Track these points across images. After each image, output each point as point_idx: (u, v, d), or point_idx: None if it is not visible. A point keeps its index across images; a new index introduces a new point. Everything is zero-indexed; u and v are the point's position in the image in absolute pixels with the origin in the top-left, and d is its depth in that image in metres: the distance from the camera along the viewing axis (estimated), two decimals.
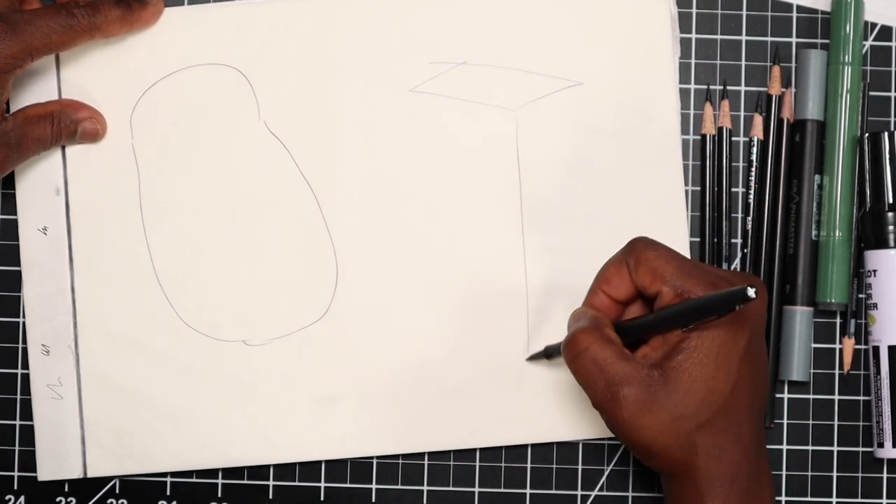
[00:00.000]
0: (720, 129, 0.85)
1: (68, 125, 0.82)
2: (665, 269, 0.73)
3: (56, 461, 0.83)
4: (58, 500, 0.84)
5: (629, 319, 0.76)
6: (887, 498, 0.84)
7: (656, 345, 0.74)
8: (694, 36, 0.85)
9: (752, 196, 0.84)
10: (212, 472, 0.84)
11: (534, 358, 0.83)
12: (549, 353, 0.81)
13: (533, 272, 0.84)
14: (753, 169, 0.84)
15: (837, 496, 0.84)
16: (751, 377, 0.74)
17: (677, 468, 0.74)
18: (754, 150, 0.85)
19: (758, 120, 0.85)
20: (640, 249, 0.74)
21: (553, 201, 0.84)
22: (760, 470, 0.75)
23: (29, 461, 0.84)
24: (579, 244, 0.84)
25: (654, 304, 0.74)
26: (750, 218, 0.84)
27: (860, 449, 0.85)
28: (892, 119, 0.85)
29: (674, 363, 0.72)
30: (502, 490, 0.84)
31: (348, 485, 0.84)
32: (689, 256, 0.84)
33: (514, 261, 0.83)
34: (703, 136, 0.85)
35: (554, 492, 0.84)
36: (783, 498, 0.84)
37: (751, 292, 0.67)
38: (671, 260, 0.73)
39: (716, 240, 0.85)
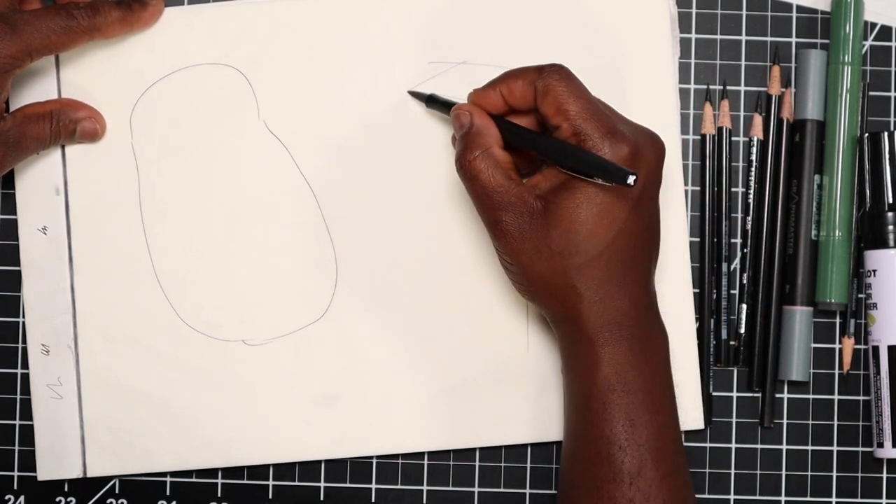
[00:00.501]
0: (720, 129, 0.85)
1: (67, 124, 0.82)
2: (570, 107, 0.74)
3: (55, 461, 0.83)
4: (57, 499, 0.84)
5: (519, 126, 0.77)
6: (887, 498, 0.84)
7: (548, 175, 0.75)
8: (694, 36, 0.85)
9: (751, 196, 0.84)
10: (212, 472, 0.84)
11: (413, 93, 0.83)
12: (430, 102, 0.82)
13: None
14: (753, 169, 0.84)
15: (837, 496, 0.84)
16: (638, 230, 0.74)
17: (560, 310, 0.75)
18: (754, 150, 0.85)
19: (757, 120, 0.85)
20: (552, 79, 0.74)
21: None
22: (652, 319, 0.76)
23: (29, 461, 0.84)
24: None
25: (551, 133, 0.75)
26: (750, 218, 0.84)
27: (860, 449, 0.85)
28: (892, 119, 0.85)
29: (557, 199, 0.73)
30: (502, 490, 0.84)
31: (348, 485, 0.84)
32: (687, 254, 0.84)
33: None
34: (703, 136, 0.85)
35: (554, 492, 0.84)
36: (783, 498, 0.84)
37: (630, 180, 0.69)
38: (578, 98, 0.74)
39: (716, 240, 0.85)
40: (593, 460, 0.75)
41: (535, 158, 0.78)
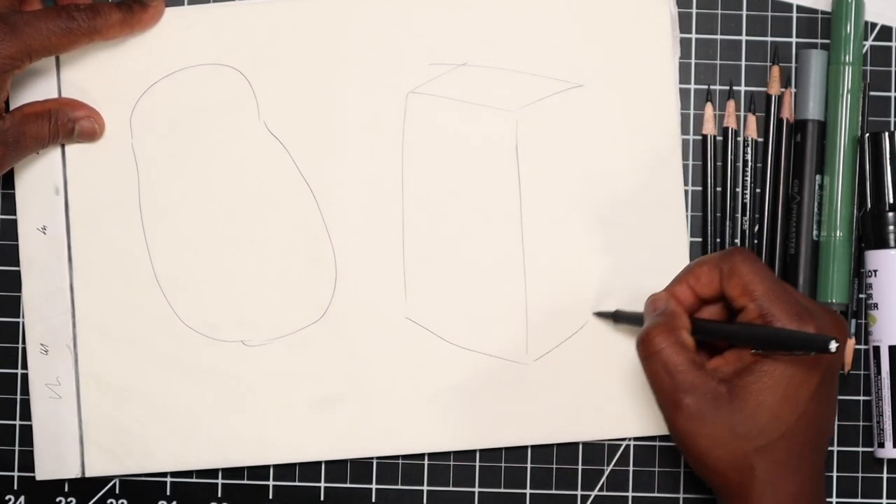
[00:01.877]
0: (725, 130, 0.85)
1: (66, 123, 0.82)
2: (756, 288, 0.73)
3: (54, 461, 0.83)
4: (57, 500, 0.84)
5: (708, 319, 0.76)
6: (887, 498, 0.84)
7: (730, 359, 0.74)
8: (694, 36, 0.85)
9: (747, 195, 0.84)
10: (212, 472, 0.84)
11: (601, 315, 0.83)
12: (617, 318, 0.82)
13: (532, 272, 0.83)
14: (749, 168, 0.84)
15: (837, 496, 0.84)
16: (818, 414, 0.74)
17: (733, 489, 0.74)
18: (749, 149, 0.84)
19: (751, 119, 0.85)
20: (737, 261, 0.74)
21: (552, 202, 0.84)
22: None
23: (29, 461, 0.84)
24: (579, 245, 0.84)
25: (737, 318, 0.75)
26: (746, 218, 0.84)
27: (860, 449, 0.84)
28: (893, 119, 0.85)
29: (743, 382, 0.72)
30: (502, 490, 0.84)
31: (348, 485, 0.84)
32: (687, 255, 0.84)
33: (513, 261, 0.83)
34: (705, 137, 0.85)
35: (554, 492, 0.84)
36: None
37: (832, 346, 0.68)
38: (764, 280, 0.73)
39: (718, 240, 0.84)
40: None
41: (715, 353, 0.77)
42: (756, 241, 0.85)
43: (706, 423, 0.72)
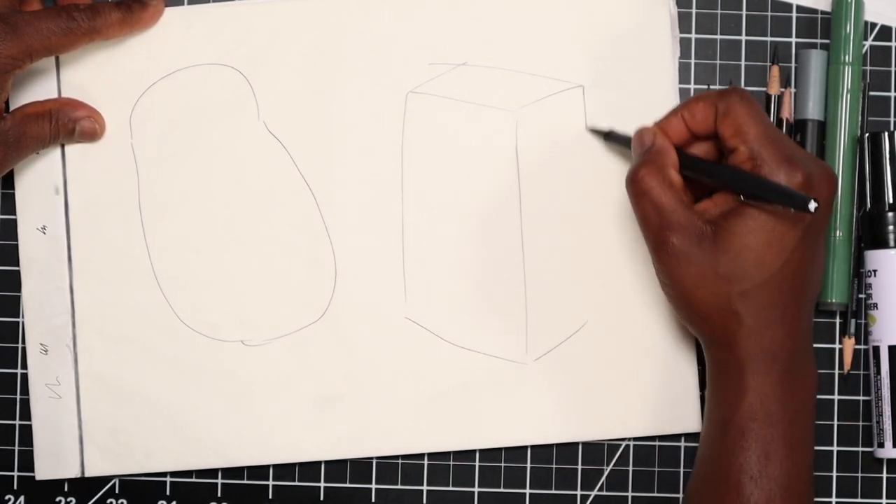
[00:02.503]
0: None
1: (66, 123, 0.82)
2: (749, 130, 0.74)
3: (54, 460, 0.83)
4: (57, 499, 0.84)
5: (697, 156, 0.77)
6: (887, 498, 0.84)
7: (718, 201, 0.75)
8: (694, 36, 0.85)
9: None
10: (212, 472, 0.84)
11: (595, 131, 0.83)
12: (609, 137, 0.82)
13: (532, 272, 0.83)
14: None
15: (837, 496, 0.84)
16: (803, 262, 0.74)
17: (717, 334, 0.75)
18: None
19: None
20: (734, 101, 0.75)
21: (552, 202, 0.84)
22: (805, 355, 0.76)
23: (28, 461, 0.84)
24: (578, 245, 0.84)
25: (727, 158, 0.75)
26: None
27: (860, 449, 0.84)
28: (892, 119, 0.85)
29: (728, 224, 0.73)
30: (502, 490, 0.84)
31: (348, 485, 0.84)
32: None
33: (513, 261, 0.83)
34: None
35: (554, 492, 0.84)
36: None
37: (811, 206, 0.69)
38: (758, 123, 0.74)
39: None
40: (722, 486, 0.74)
41: (706, 190, 0.78)
42: None
43: (690, 263, 0.73)
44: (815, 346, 0.84)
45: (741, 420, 0.74)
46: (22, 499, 0.84)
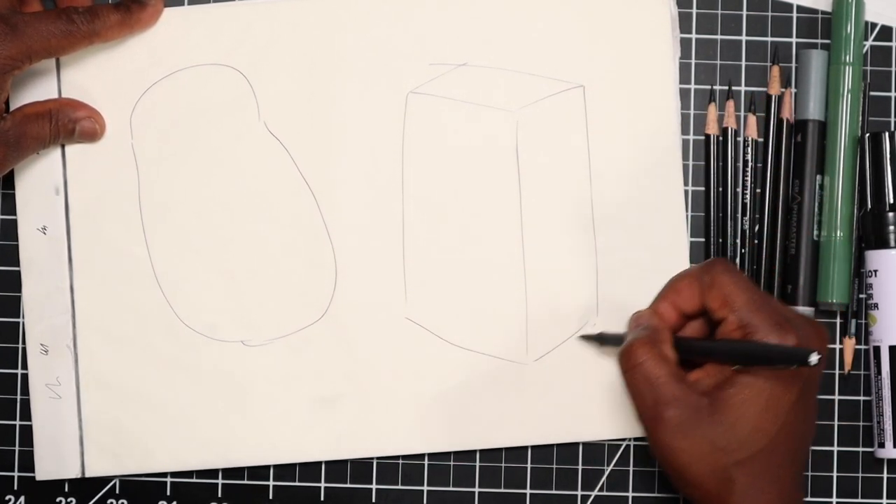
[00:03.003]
0: (725, 130, 0.85)
1: (66, 124, 0.82)
2: (736, 299, 0.74)
3: (54, 461, 0.83)
4: (57, 500, 0.84)
5: (690, 338, 0.77)
6: (887, 498, 0.84)
7: (711, 372, 0.75)
8: (694, 36, 0.85)
9: (748, 195, 0.84)
10: (212, 472, 0.84)
11: (586, 338, 0.83)
12: (602, 340, 0.82)
13: (532, 272, 0.83)
14: (749, 168, 0.84)
15: (837, 496, 0.84)
16: (798, 425, 0.74)
17: (711, 499, 0.74)
18: (749, 149, 0.84)
19: (751, 119, 0.85)
20: (718, 272, 0.75)
21: (552, 202, 0.84)
22: None
23: (29, 461, 0.84)
24: (579, 245, 0.84)
25: (718, 329, 0.75)
26: (747, 218, 0.84)
27: (860, 449, 0.84)
28: (893, 119, 0.85)
29: (724, 395, 0.73)
30: (502, 490, 0.84)
31: (348, 485, 0.84)
32: (687, 255, 0.84)
33: (513, 261, 0.83)
34: (707, 137, 0.85)
35: (554, 492, 0.84)
36: None
37: (812, 359, 0.69)
38: (745, 291, 0.74)
39: (720, 240, 0.84)
40: None
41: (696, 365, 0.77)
42: (756, 241, 0.85)
43: (687, 436, 0.73)
44: None
45: None
46: (22, 499, 0.84)
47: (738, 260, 0.84)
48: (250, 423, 0.83)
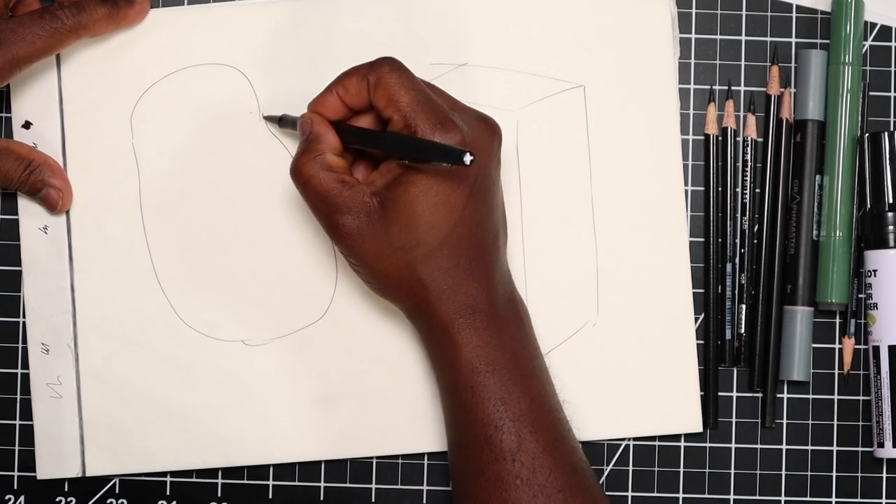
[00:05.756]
0: (724, 130, 0.85)
1: (36, 182, 0.81)
2: (401, 98, 0.74)
3: (54, 460, 0.83)
4: (57, 499, 0.84)
5: (353, 126, 0.77)
6: (887, 498, 0.84)
7: (383, 171, 0.75)
8: (694, 36, 0.85)
9: (747, 195, 0.85)
10: (212, 472, 0.84)
11: (268, 119, 0.83)
12: (282, 122, 0.82)
13: (532, 272, 0.84)
14: (749, 168, 0.85)
15: (837, 496, 0.84)
16: (478, 216, 0.75)
17: (411, 303, 0.76)
18: (748, 149, 0.85)
19: (751, 119, 0.85)
20: (384, 71, 0.75)
21: (553, 202, 0.84)
22: (507, 298, 0.77)
23: (29, 461, 0.84)
24: (579, 245, 0.84)
25: (386, 128, 0.75)
26: (746, 218, 0.84)
27: (860, 449, 0.85)
28: (892, 119, 0.85)
29: (393, 194, 0.74)
30: None
31: (348, 485, 0.84)
32: (687, 254, 0.84)
33: (513, 261, 0.83)
34: (707, 137, 0.85)
35: None
36: (783, 498, 0.84)
37: (466, 159, 0.69)
38: (410, 90, 0.74)
39: (720, 240, 0.84)
40: (473, 444, 0.75)
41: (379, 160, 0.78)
42: (756, 241, 0.85)
43: (365, 239, 0.74)
44: (815, 345, 0.84)
45: (465, 378, 0.75)
46: (22, 499, 0.84)
47: (737, 260, 0.84)
48: (250, 422, 0.83)
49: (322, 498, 0.84)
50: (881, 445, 0.83)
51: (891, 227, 0.83)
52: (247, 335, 0.83)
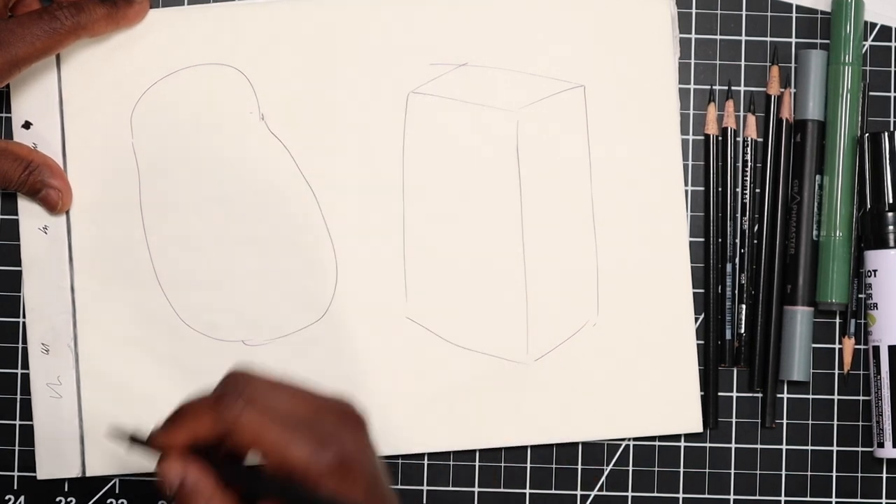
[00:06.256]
0: (724, 130, 0.85)
1: (36, 182, 0.81)
2: (265, 441, 0.65)
3: (55, 460, 0.83)
4: (57, 499, 0.84)
5: (241, 468, 0.68)
6: (887, 498, 0.84)
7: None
8: (694, 36, 0.85)
9: (747, 195, 0.85)
10: None
11: (113, 435, 0.71)
12: (133, 442, 0.70)
13: (533, 272, 0.84)
14: (749, 168, 0.85)
15: (837, 496, 0.84)
16: None
17: None
18: (748, 149, 0.85)
19: (751, 119, 0.85)
20: (235, 412, 0.65)
21: (553, 202, 0.84)
22: None
23: (29, 461, 0.84)
24: (579, 245, 0.84)
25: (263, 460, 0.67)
26: (746, 218, 0.84)
27: (860, 449, 0.85)
28: (892, 119, 0.85)
29: None
30: (502, 490, 0.84)
31: None
32: (687, 255, 0.84)
33: (513, 261, 0.83)
34: (707, 137, 0.85)
35: (554, 492, 0.84)
36: (783, 498, 0.84)
37: None
38: (270, 429, 0.65)
39: (720, 240, 0.85)
40: None
41: None
42: (756, 241, 0.85)
43: None
44: (815, 345, 0.84)
45: None
46: (22, 499, 0.84)
47: (737, 260, 0.84)
48: None
49: None
50: (881, 445, 0.83)
51: (891, 227, 0.83)
52: (247, 335, 0.83)
